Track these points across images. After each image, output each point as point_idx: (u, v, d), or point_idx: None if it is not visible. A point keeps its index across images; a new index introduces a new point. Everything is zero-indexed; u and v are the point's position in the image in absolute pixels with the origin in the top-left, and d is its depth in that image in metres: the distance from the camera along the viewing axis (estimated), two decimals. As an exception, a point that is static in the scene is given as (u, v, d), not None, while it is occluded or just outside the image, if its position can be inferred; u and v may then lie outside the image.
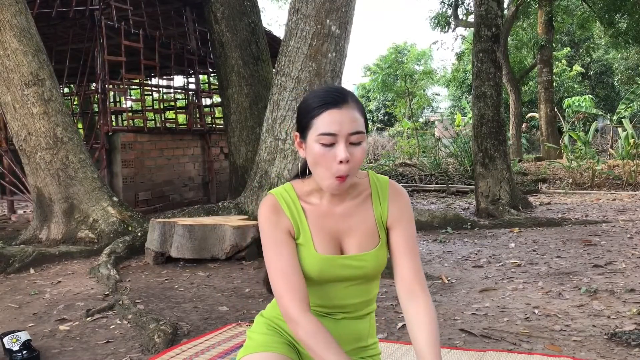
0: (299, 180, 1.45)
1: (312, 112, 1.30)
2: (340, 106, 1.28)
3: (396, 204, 1.43)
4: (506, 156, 7.23)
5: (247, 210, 5.28)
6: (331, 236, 1.40)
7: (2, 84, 5.31)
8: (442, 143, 14.77)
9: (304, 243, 1.39)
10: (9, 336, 2.62)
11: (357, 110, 1.31)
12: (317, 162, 1.30)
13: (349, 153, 1.27)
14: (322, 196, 1.40)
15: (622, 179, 9.66)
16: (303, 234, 1.39)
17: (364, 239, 1.41)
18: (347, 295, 1.43)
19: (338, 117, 1.27)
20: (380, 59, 23.03)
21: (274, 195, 1.41)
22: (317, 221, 1.40)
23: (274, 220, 1.37)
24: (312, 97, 1.33)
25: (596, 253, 4.52)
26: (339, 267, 1.39)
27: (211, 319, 3.15)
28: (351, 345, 1.48)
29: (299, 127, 1.35)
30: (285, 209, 1.38)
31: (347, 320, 1.47)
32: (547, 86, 15.70)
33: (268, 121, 5.27)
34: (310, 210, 1.40)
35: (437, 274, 3.98)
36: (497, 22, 7.15)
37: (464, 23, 16.49)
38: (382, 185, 1.44)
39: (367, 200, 1.43)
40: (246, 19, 7.16)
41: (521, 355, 2.36)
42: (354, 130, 1.28)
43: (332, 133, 1.27)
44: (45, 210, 5.50)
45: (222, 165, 9.17)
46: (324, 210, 1.40)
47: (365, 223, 1.41)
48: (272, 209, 1.38)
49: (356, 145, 1.29)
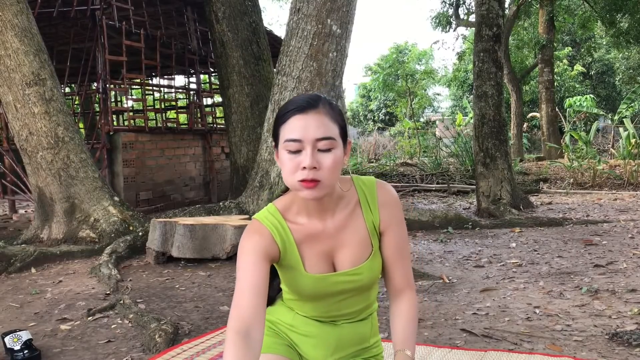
0: (282, 198, 1.39)
1: (280, 119, 1.27)
2: (307, 112, 1.24)
3: (387, 207, 1.38)
4: (507, 156, 7.22)
5: (248, 210, 5.28)
6: (322, 254, 1.36)
7: (4, 84, 5.31)
8: (443, 143, 14.77)
9: (294, 265, 1.34)
10: (10, 335, 2.62)
11: (327, 116, 1.25)
12: (285, 169, 1.25)
13: (317, 160, 1.22)
14: (309, 214, 1.34)
15: (624, 178, 9.65)
16: (291, 256, 1.34)
17: (357, 251, 1.36)
18: (345, 306, 1.43)
19: (303, 123, 1.23)
20: (382, 58, 23.03)
21: (258, 220, 1.34)
22: (305, 241, 1.34)
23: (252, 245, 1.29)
24: (285, 105, 1.29)
25: (597, 253, 4.51)
26: (333, 284, 1.36)
27: (212, 318, 3.15)
28: (354, 348, 1.48)
29: (274, 137, 1.31)
30: (274, 232, 1.33)
31: (349, 325, 1.46)
32: (548, 86, 15.68)
33: (269, 121, 5.27)
34: (297, 231, 1.34)
35: (438, 274, 3.98)
36: (499, 22, 7.14)
37: (465, 23, 16.48)
38: (369, 190, 1.39)
39: (356, 208, 1.37)
40: (247, 18, 7.16)
41: (522, 355, 2.36)
42: (320, 135, 1.23)
43: (297, 139, 1.22)
44: (47, 209, 5.51)
45: (223, 165, 9.18)
46: (312, 228, 1.35)
47: (358, 234, 1.37)
48: (255, 233, 1.32)
49: (325, 152, 1.23)
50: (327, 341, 1.45)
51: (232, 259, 4.62)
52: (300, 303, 1.43)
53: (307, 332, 1.45)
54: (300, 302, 1.43)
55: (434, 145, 15.13)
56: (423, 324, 2.93)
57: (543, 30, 15.63)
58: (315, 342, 1.44)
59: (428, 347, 2.51)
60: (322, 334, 1.45)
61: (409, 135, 18.36)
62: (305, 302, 1.41)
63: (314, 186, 1.23)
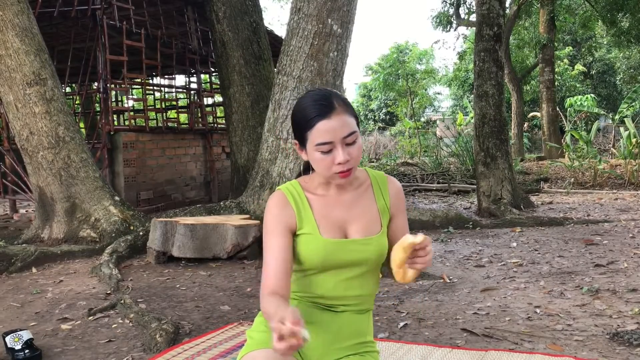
0: (306, 177, 1.56)
1: (306, 124, 1.41)
2: (330, 115, 1.39)
3: (396, 197, 1.56)
4: (508, 155, 7.22)
5: (249, 209, 5.28)
6: (336, 223, 1.49)
7: (5, 84, 5.31)
8: (444, 142, 14.76)
9: (310, 231, 1.47)
10: (11, 335, 2.62)
11: (346, 113, 1.41)
12: (319, 166, 1.43)
13: (347, 153, 1.40)
14: (328, 188, 1.51)
15: (624, 178, 9.64)
16: (307, 222, 1.48)
17: (368, 224, 1.50)
18: (349, 287, 1.49)
19: (330, 126, 1.39)
20: (382, 58, 23.01)
21: (281, 190, 1.52)
22: (322, 209, 1.50)
23: (276, 213, 1.47)
24: (303, 108, 1.43)
25: (598, 252, 4.51)
26: (344, 251, 1.47)
27: (213, 318, 3.15)
28: (352, 340, 1.51)
29: (297, 137, 1.47)
30: (291, 200, 1.49)
31: (348, 314, 1.51)
32: (549, 85, 15.67)
33: (269, 120, 5.27)
34: (315, 200, 1.51)
35: (438, 274, 3.98)
36: (499, 21, 7.14)
37: (465, 22, 16.47)
38: (381, 180, 1.57)
39: (368, 190, 1.54)
40: (248, 18, 7.16)
41: (523, 355, 2.36)
42: (347, 133, 1.40)
43: (328, 142, 1.39)
44: (47, 209, 5.51)
45: (223, 164, 9.18)
46: (329, 199, 1.51)
47: (369, 211, 1.52)
48: (279, 203, 1.48)
49: (352, 145, 1.41)
50: (327, 329, 1.48)
51: (233, 259, 4.62)
52: (308, 279, 1.50)
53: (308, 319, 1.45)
54: (309, 278, 1.49)
55: (434, 145, 15.11)
56: (424, 324, 2.94)
57: (544, 29, 15.62)
58: (315, 329, 1.44)
59: (429, 347, 2.51)
60: (323, 322, 1.49)
61: (410, 134, 18.35)
62: (313, 276, 1.48)
63: (349, 174, 1.43)
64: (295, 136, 1.47)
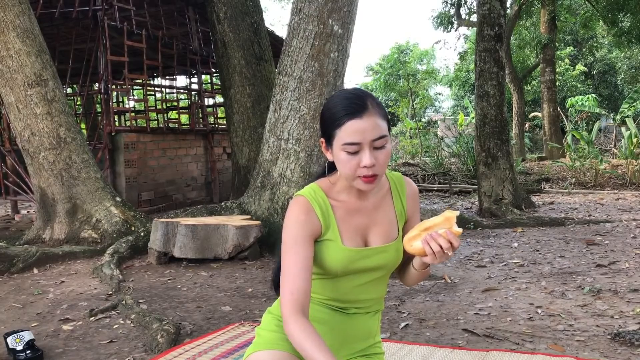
0: (324, 179, 1.49)
1: (335, 122, 1.35)
2: (362, 115, 1.32)
3: (412, 198, 1.53)
4: (509, 156, 7.21)
5: (250, 210, 5.28)
6: (358, 230, 1.45)
7: (6, 85, 5.32)
8: (445, 143, 14.76)
9: (333, 238, 1.43)
10: (13, 336, 2.63)
11: (378, 115, 1.35)
12: (344, 167, 1.36)
13: (374, 157, 1.33)
14: (350, 193, 1.46)
15: (626, 178, 9.64)
16: (331, 230, 1.43)
17: (387, 230, 1.47)
18: (364, 291, 1.48)
19: (361, 127, 1.32)
20: (383, 58, 23.03)
21: (304, 196, 1.44)
22: (345, 217, 1.45)
23: (302, 221, 1.39)
24: (334, 105, 1.37)
25: (599, 253, 4.50)
26: (364, 259, 1.44)
27: (214, 318, 3.15)
28: (361, 344, 1.50)
29: (324, 134, 1.40)
30: (317, 209, 1.42)
31: (359, 316, 1.50)
32: (550, 85, 15.67)
33: (270, 121, 5.27)
34: (338, 207, 1.45)
35: (440, 274, 3.98)
36: (500, 22, 7.14)
37: (466, 22, 16.47)
38: (399, 181, 1.53)
39: (387, 194, 1.51)
40: (249, 18, 7.16)
41: (524, 355, 2.36)
42: (376, 136, 1.33)
43: (356, 142, 1.32)
44: (49, 210, 5.52)
45: (224, 165, 9.18)
46: (351, 206, 1.46)
47: (388, 216, 1.49)
48: (304, 210, 1.41)
49: (380, 149, 1.34)
50: (337, 330, 1.47)
51: (234, 259, 4.63)
52: (324, 282, 1.47)
53: (318, 319, 1.45)
54: (324, 281, 1.47)
55: (435, 145, 15.11)
56: (425, 324, 2.93)
57: (545, 29, 15.62)
58: (324, 329, 1.43)
59: (430, 347, 2.51)
60: (333, 322, 1.47)
61: (411, 135, 18.34)
62: (329, 279, 1.46)
63: (373, 180, 1.36)
64: (323, 134, 1.41)
